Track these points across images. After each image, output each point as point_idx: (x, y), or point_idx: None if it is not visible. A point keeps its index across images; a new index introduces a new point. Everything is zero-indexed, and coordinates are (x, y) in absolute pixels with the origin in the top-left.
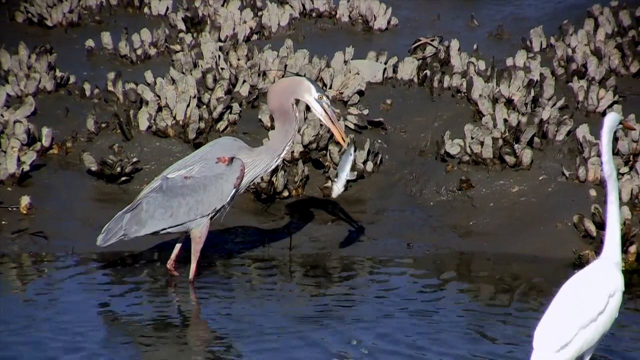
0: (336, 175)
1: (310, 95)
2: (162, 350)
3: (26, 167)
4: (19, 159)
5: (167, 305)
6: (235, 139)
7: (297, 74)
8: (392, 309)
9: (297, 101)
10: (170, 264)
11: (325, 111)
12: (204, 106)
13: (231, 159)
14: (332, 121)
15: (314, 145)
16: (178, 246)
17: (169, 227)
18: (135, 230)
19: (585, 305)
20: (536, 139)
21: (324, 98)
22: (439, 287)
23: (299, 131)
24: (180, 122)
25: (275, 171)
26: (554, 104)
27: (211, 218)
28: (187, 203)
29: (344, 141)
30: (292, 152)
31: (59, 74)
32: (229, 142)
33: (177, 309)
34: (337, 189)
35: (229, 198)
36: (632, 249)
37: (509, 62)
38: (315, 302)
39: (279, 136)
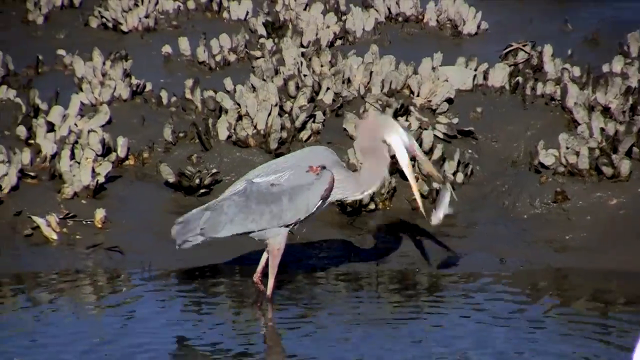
0: (434, 206)
1: (399, 138)
2: None
3: (101, 179)
4: (93, 171)
5: (246, 324)
6: (332, 151)
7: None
8: (486, 328)
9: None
10: (257, 276)
11: (410, 160)
12: (286, 115)
13: (322, 169)
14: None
15: None
16: (264, 257)
17: (247, 233)
18: (212, 231)
19: None
20: (635, 149)
21: (415, 145)
22: (533, 305)
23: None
24: (262, 132)
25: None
26: None
27: (290, 229)
28: (271, 211)
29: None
30: None
31: (134, 81)
32: (325, 153)
33: (256, 328)
34: (436, 220)
35: (314, 209)
36: None
37: (605, 68)
38: (405, 322)
39: (368, 176)
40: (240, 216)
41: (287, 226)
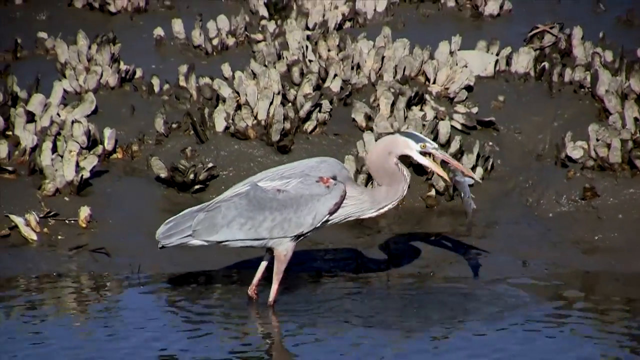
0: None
1: (411, 149)
2: None
3: (86, 174)
4: (77, 165)
5: (245, 334)
6: (344, 166)
7: (392, 133)
8: (507, 338)
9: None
10: (252, 289)
11: (434, 160)
12: (290, 104)
13: (334, 181)
14: (443, 167)
15: None
16: (262, 267)
17: (244, 240)
18: (206, 234)
19: None
20: None
21: (428, 145)
22: (560, 312)
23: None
24: (262, 122)
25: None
26: None
27: (294, 241)
28: (273, 219)
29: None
30: None
31: (123, 67)
32: (337, 166)
33: (256, 338)
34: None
35: (319, 223)
36: None
37: None
38: (418, 332)
39: (386, 192)
40: (239, 221)
41: (289, 237)
